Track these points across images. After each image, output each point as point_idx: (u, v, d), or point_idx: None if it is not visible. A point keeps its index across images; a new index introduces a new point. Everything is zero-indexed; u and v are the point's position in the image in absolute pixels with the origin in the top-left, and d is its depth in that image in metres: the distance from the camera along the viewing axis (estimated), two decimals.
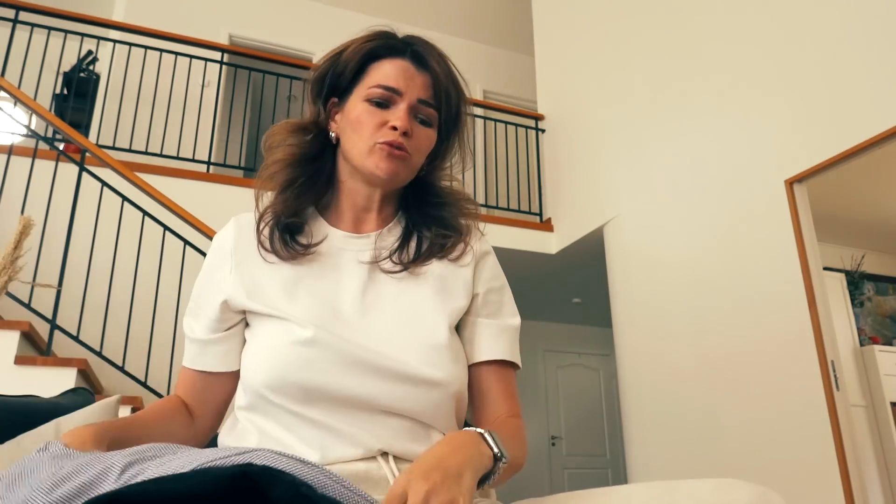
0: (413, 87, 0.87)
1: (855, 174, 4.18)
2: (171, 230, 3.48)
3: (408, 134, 0.85)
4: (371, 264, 0.88)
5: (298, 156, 0.90)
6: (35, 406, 1.49)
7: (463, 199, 0.96)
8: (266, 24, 5.77)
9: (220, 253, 0.90)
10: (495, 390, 0.88)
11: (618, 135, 4.29)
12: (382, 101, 0.86)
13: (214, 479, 0.46)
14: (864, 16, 2.83)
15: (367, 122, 0.86)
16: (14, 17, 4.02)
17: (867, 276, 5.61)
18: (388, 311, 0.85)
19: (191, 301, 0.92)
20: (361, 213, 0.93)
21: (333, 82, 0.91)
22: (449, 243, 0.91)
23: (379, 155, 0.85)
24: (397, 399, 0.78)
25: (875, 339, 5.34)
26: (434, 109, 0.89)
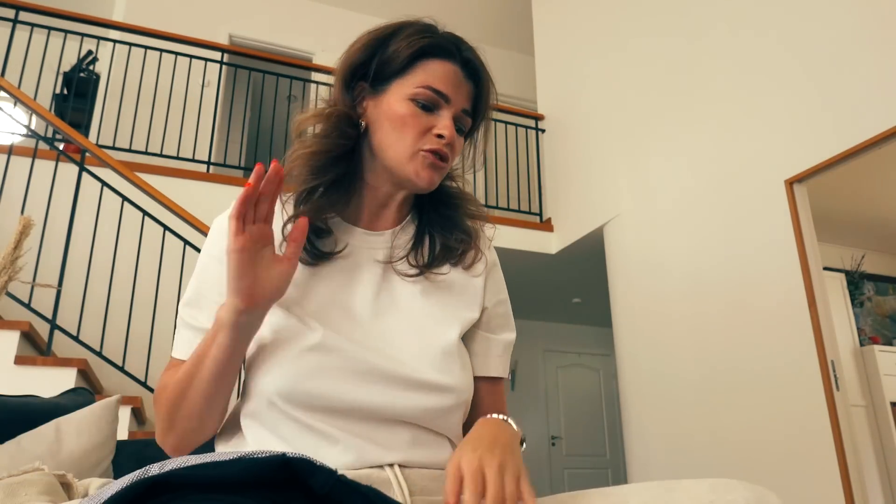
0: (460, 95, 0.85)
1: (855, 174, 4.18)
2: (171, 230, 3.48)
3: (450, 144, 0.83)
4: (386, 264, 0.86)
5: (333, 154, 0.84)
6: (35, 406, 1.49)
7: (470, 201, 0.95)
8: (266, 24, 5.77)
9: (221, 235, 0.83)
10: (488, 404, 0.88)
11: (618, 135, 4.29)
12: (428, 103, 0.83)
13: (256, 467, 0.47)
14: (864, 16, 2.83)
15: (412, 124, 0.82)
16: (14, 17, 4.02)
17: (867, 276, 5.61)
18: (401, 314, 0.84)
19: (190, 290, 0.85)
20: (379, 209, 0.90)
21: (377, 69, 0.85)
22: (461, 248, 0.90)
23: (421, 163, 0.82)
24: (408, 407, 0.77)
25: (875, 339, 5.34)
26: (470, 119, 0.88)
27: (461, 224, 0.91)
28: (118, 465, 1.49)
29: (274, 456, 0.48)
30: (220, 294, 0.79)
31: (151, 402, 3.30)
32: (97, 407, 1.47)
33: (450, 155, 0.84)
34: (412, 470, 0.77)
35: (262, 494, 0.46)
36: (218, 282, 0.81)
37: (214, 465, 0.48)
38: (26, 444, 1.32)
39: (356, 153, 0.87)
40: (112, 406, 1.50)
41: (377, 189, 0.88)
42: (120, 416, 1.60)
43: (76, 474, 1.14)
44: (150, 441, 1.70)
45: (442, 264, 0.89)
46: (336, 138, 0.84)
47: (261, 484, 0.46)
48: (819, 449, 2.72)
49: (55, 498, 0.93)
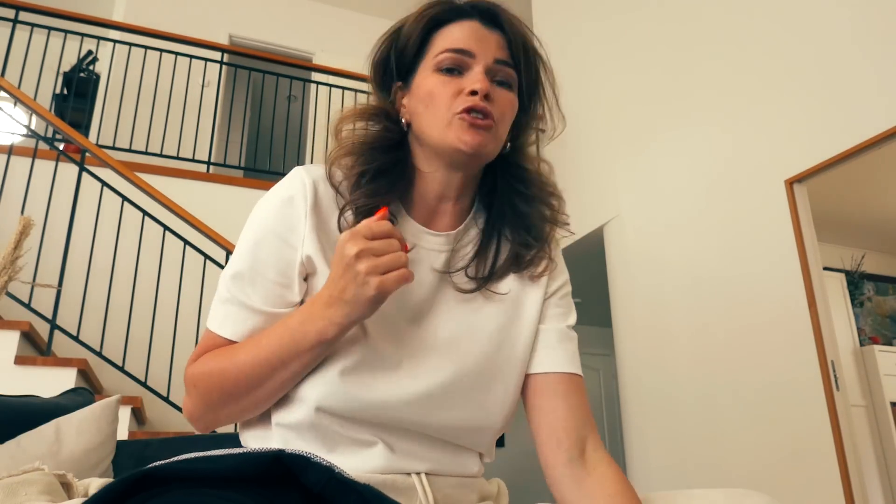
0: (486, 47, 0.77)
1: (855, 174, 4.18)
2: (171, 230, 3.48)
3: (489, 97, 0.75)
4: (443, 273, 0.80)
5: (379, 141, 0.79)
6: (35, 406, 1.48)
7: (549, 192, 0.86)
8: (266, 24, 5.76)
9: (292, 207, 0.75)
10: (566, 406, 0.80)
11: (618, 135, 4.29)
12: (454, 66, 0.76)
13: (251, 462, 0.46)
14: (864, 16, 2.83)
15: (441, 92, 0.76)
16: (14, 17, 4.02)
17: (867, 276, 5.61)
18: (447, 334, 0.79)
19: (242, 262, 0.76)
20: (436, 202, 0.82)
21: (398, 60, 0.81)
22: (529, 255, 0.83)
23: (460, 126, 0.74)
24: (441, 427, 0.76)
25: (875, 339, 5.35)
26: (512, 69, 0.79)
27: (533, 224, 0.84)
28: (118, 465, 1.48)
29: (267, 452, 0.47)
30: (276, 273, 0.74)
31: (152, 402, 3.31)
32: (97, 407, 1.47)
33: (491, 109, 0.75)
34: (438, 477, 0.76)
35: (254, 490, 0.45)
36: (277, 261, 0.74)
37: (207, 459, 0.48)
38: (26, 444, 1.32)
39: (404, 149, 0.81)
40: (112, 406, 1.50)
41: (432, 179, 0.81)
42: (120, 416, 1.60)
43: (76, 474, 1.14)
44: (150, 441, 1.70)
45: (504, 275, 0.83)
46: (379, 130, 0.80)
47: (253, 479, 0.46)
48: (819, 449, 2.72)
49: (55, 498, 0.93)
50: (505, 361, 0.80)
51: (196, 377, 0.74)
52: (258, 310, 0.74)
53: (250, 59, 4.86)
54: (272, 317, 0.74)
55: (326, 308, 0.67)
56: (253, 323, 0.74)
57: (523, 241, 0.83)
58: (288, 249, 0.74)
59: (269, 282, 0.74)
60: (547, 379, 0.81)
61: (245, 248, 0.76)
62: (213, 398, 0.73)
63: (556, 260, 0.87)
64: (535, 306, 0.83)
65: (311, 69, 5.13)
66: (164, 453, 1.60)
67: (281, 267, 0.74)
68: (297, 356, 0.69)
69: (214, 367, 0.73)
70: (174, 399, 3.22)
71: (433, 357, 0.76)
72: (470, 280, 0.81)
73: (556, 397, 0.80)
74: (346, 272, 0.65)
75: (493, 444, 0.83)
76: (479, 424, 0.78)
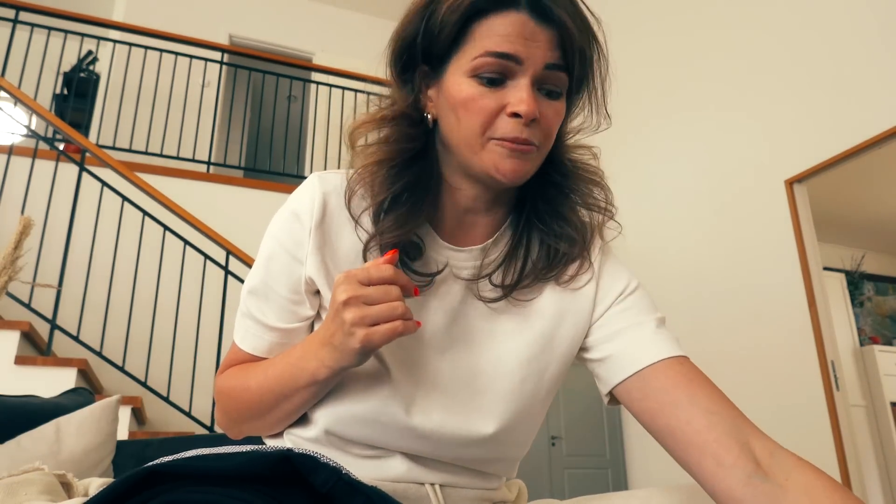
0: (536, 49, 0.64)
1: (855, 174, 4.18)
2: (171, 230, 3.48)
3: (535, 120, 0.64)
4: (469, 283, 0.72)
5: (406, 153, 0.69)
6: (35, 406, 1.49)
7: (592, 180, 0.75)
8: (266, 24, 5.76)
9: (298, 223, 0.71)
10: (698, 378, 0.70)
11: (617, 134, 4.28)
12: (495, 75, 0.64)
13: (258, 461, 0.46)
14: (864, 16, 2.83)
15: (478, 108, 0.64)
16: (14, 17, 4.02)
17: (867, 276, 5.62)
18: (473, 353, 0.72)
19: (256, 277, 0.74)
20: (465, 214, 0.73)
21: (425, 48, 0.68)
22: (560, 256, 0.73)
23: (497, 153, 0.65)
24: (458, 458, 0.72)
25: (875, 339, 5.35)
26: (565, 72, 0.67)
27: (572, 217, 0.74)
28: (118, 465, 1.49)
29: (276, 451, 0.47)
30: (288, 289, 0.72)
31: (152, 402, 3.31)
32: (97, 407, 1.47)
33: (535, 138, 0.65)
34: (454, 489, 0.74)
35: (261, 489, 0.45)
36: (287, 276, 0.71)
37: (214, 457, 0.47)
38: (26, 444, 1.32)
39: (429, 152, 0.72)
40: (112, 406, 1.50)
41: (458, 191, 0.72)
42: (120, 416, 1.60)
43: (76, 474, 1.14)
44: (150, 441, 1.70)
45: (534, 282, 0.73)
46: (398, 143, 0.69)
47: (260, 478, 0.46)
48: (819, 449, 2.72)
49: (55, 497, 0.93)
50: (530, 396, 0.73)
51: (220, 392, 0.75)
52: (273, 327, 0.73)
53: (250, 59, 4.86)
54: (287, 333, 0.73)
55: (320, 348, 0.64)
56: (270, 339, 0.73)
57: (558, 234, 0.73)
58: (296, 265, 0.71)
59: (282, 297, 0.72)
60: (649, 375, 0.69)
61: (259, 262, 0.74)
62: (233, 415, 0.74)
63: (608, 265, 0.78)
64: (577, 328, 0.74)
65: (312, 69, 5.13)
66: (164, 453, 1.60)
67: (291, 283, 0.71)
68: (296, 391, 0.68)
69: (233, 387, 0.73)
70: (174, 399, 3.22)
71: (450, 395, 0.70)
72: (495, 288, 0.72)
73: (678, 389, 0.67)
74: (335, 317, 0.61)
75: (515, 467, 0.79)
76: (497, 457, 0.74)
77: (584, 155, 0.77)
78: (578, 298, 0.74)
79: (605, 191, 0.77)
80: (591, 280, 0.75)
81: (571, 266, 0.74)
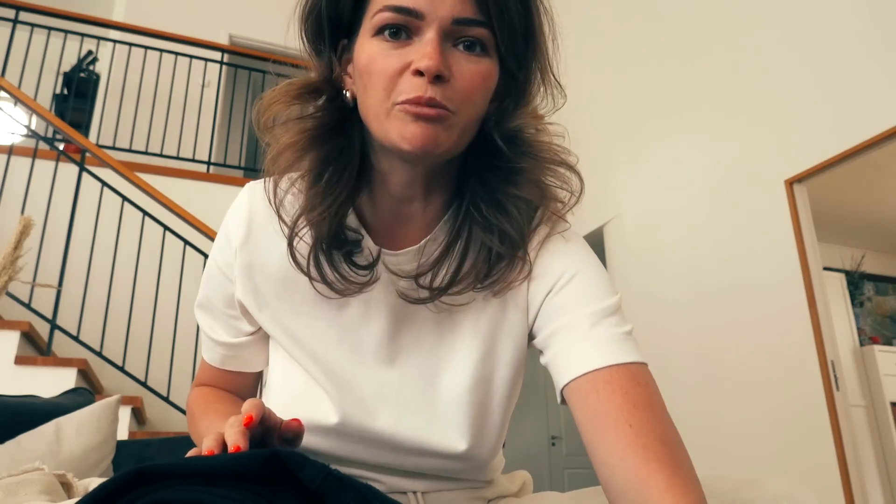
0: (441, 1, 0.56)
1: (855, 174, 4.18)
2: (171, 230, 3.48)
3: (442, 77, 0.55)
4: (400, 286, 0.66)
5: (315, 132, 0.62)
6: (35, 406, 1.49)
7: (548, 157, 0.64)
8: (266, 24, 5.76)
9: (227, 243, 0.69)
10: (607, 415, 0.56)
11: (618, 134, 4.29)
12: (397, 28, 0.57)
13: (247, 459, 0.46)
14: (864, 16, 2.83)
15: (381, 68, 0.57)
16: (14, 17, 4.02)
17: (867, 276, 5.62)
18: (418, 361, 0.67)
19: (201, 292, 0.75)
20: (400, 205, 0.66)
21: (331, 14, 0.62)
22: (496, 259, 0.63)
23: (401, 118, 0.56)
24: (421, 468, 0.70)
25: (875, 339, 5.35)
26: (483, 28, 0.57)
27: (512, 205, 0.63)
28: (118, 465, 1.49)
29: (265, 450, 0.47)
30: (225, 305, 0.72)
31: (152, 402, 3.31)
32: (97, 407, 1.47)
33: (444, 98, 0.56)
34: (437, 494, 0.72)
35: (249, 487, 0.45)
36: (223, 293, 0.72)
37: (202, 456, 0.48)
38: (26, 444, 1.32)
39: (356, 133, 0.64)
40: (112, 406, 1.50)
41: (389, 175, 0.64)
42: (120, 416, 1.60)
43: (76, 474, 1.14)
44: (150, 441, 1.70)
45: (466, 289, 0.64)
46: (312, 118, 0.63)
47: (248, 477, 0.46)
48: (819, 449, 2.72)
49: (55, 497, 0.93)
50: (481, 404, 0.67)
51: (187, 407, 0.80)
52: (220, 341, 0.75)
53: (250, 59, 4.86)
54: (234, 346, 0.75)
55: None
56: (220, 352, 0.76)
57: (493, 228, 0.63)
58: (228, 283, 0.70)
59: (221, 313, 0.73)
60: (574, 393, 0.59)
61: (203, 278, 0.74)
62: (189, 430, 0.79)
63: (544, 255, 0.66)
64: (514, 337, 0.67)
65: None
66: (164, 453, 1.60)
67: (227, 300, 0.72)
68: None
69: (191, 403, 0.79)
70: (174, 399, 3.22)
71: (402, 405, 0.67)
72: (420, 289, 0.64)
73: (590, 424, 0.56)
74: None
75: (485, 467, 0.73)
76: (466, 462, 0.69)
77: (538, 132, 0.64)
78: (515, 297, 0.66)
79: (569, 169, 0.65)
80: (526, 276, 0.65)
81: (510, 273, 0.64)
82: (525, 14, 0.60)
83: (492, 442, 0.70)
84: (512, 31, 0.59)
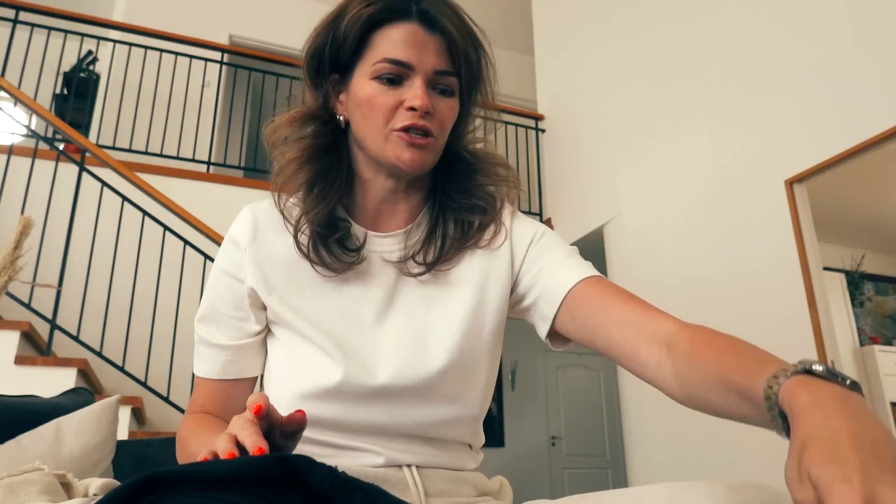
0: (426, 56, 0.75)
1: (855, 174, 4.18)
2: (171, 230, 3.48)
3: (429, 113, 0.74)
4: (399, 265, 0.80)
5: (312, 150, 0.80)
6: (35, 406, 1.48)
7: (494, 162, 0.84)
8: (266, 24, 5.77)
9: (235, 247, 0.82)
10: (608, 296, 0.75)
11: (618, 135, 4.29)
12: (393, 76, 0.75)
13: (255, 464, 0.47)
14: (864, 16, 2.83)
15: (379, 104, 0.74)
16: (14, 17, 4.02)
17: (867, 276, 5.62)
18: (411, 325, 0.79)
19: (204, 305, 0.83)
20: (384, 205, 0.82)
21: (333, 57, 0.78)
22: (475, 223, 0.81)
23: (398, 144, 0.74)
24: (415, 423, 0.77)
25: (875, 339, 5.35)
26: (454, 77, 0.77)
27: (478, 191, 0.83)
28: (118, 465, 1.49)
29: (274, 454, 0.48)
30: (233, 308, 0.81)
31: (152, 402, 3.31)
32: (97, 407, 1.47)
33: (432, 126, 0.75)
34: (430, 471, 0.77)
35: (257, 492, 0.46)
36: (232, 297, 0.81)
37: (210, 462, 0.48)
38: (26, 444, 1.32)
39: (338, 150, 0.82)
40: (112, 406, 1.50)
41: (375, 184, 0.81)
42: (120, 416, 1.60)
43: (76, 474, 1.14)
44: (150, 441, 1.70)
45: (455, 255, 0.81)
46: (311, 139, 0.80)
47: (257, 482, 0.46)
48: None
49: (55, 498, 0.93)
50: (472, 350, 0.79)
51: (178, 435, 0.81)
52: (224, 345, 0.81)
53: (250, 59, 4.86)
54: (237, 350, 0.81)
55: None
56: (222, 359, 0.81)
57: (468, 208, 0.82)
58: (237, 284, 0.80)
59: (227, 317, 0.81)
60: (574, 300, 0.76)
61: (206, 292, 0.83)
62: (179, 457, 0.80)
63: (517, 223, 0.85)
64: (501, 283, 0.81)
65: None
66: (164, 453, 1.60)
67: (235, 302, 0.81)
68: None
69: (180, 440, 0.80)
70: (174, 399, 3.22)
71: (400, 357, 0.76)
72: (418, 265, 0.80)
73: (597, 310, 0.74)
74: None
75: (476, 433, 0.83)
76: (455, 416, 0.78)
77: (483, 145, 0.86)
78: (498, 257, 0.82)
79: (507, 169, 0.85)
80: (505, 239, 0.83)
81: (487, 230, 0.82)
82: (478, 65, 0.80)
83: (479, 393, 0.80)
84: (470, 78, 0.79)
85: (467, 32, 0.78)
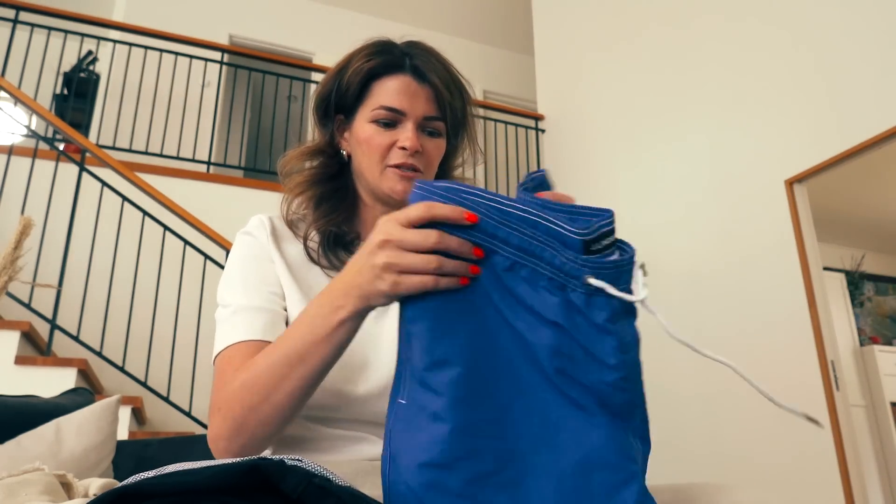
0: (417, 104, 0.87)
1: (855, 174, 4.19)
2: (171, 230, 3.48)
3: (418, 151, 0.86)
4: None
5: (319, 176, 0.91)
6: (35, 406, 1.49)
7: None
8: (266, 24, 5.77)
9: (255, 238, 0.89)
10: None
11: (618, 134, 4.29)
12: (388, 121, 0.87)
13: (227, 472, 0.47)
14: (864, 16, 2.83)
15: (376, 144, 0.87)
16: (14, 17, 4.02)
17: (867, 276, 5.62)
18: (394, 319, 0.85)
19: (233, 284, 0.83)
20: None
21: (338, 102, 0.91)
22: None
23: (392, 178, 0.86)
24: None
25: (875, 339, 5.35)
26: (441, 121, 0.89)
27: None
28: (118, 465, 1.49)
29: (244, 461, 0.48)
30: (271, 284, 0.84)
31: (152, 402, 3.31)
32: (97, 407, 1.47)
33: (419, 164, 0.86)
34: None
35: (231, 501, 0.45)
36: (266, 275, 0.85)
37: (182, 472, 0.48)
38: (26, 444, 1.32)
39: (344, 178, 0.93)
40: (112, 406, 1.50)
41: (374, 209, 0.92)
42: (120, 416, 1.60)
43: (76, 474, 1.14)
44: (150, 441, 1.70)
45: None
46: (319, 168, 0.92)
47: (231, 490, 0.46)
48: (819, 449, 2.72)
49: (55, 498, 0.93)
50: None
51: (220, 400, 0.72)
52: (265, 308, 0.80)
53: (250, 59, 4.86)
54: (277, 314, 0.81)
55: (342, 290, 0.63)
56: (264, 318, 0.79)
57: None
58: (269, 263, 0.86)
59: (267, 292, 0.83)
60: None
61: (233, 283, 0.84)
62: (237, 412, 0.70)
63: None
64: None
65: (311, 69, 5.13)
66: (164, 453, 1.60)
67: (271, 279, 0.84)
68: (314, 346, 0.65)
69: (236, 382, 0.71)
70: (174, 399, 3.22)
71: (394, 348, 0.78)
72: None
73: None
74: (368, 257, 0.59)
75: None
76: None
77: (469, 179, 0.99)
78: None
79: None
80: None
81: None
82: (462, 110, 0.92)
83: None
84: (454, 121, 0.91)
85: (453, 83, 0.90)
